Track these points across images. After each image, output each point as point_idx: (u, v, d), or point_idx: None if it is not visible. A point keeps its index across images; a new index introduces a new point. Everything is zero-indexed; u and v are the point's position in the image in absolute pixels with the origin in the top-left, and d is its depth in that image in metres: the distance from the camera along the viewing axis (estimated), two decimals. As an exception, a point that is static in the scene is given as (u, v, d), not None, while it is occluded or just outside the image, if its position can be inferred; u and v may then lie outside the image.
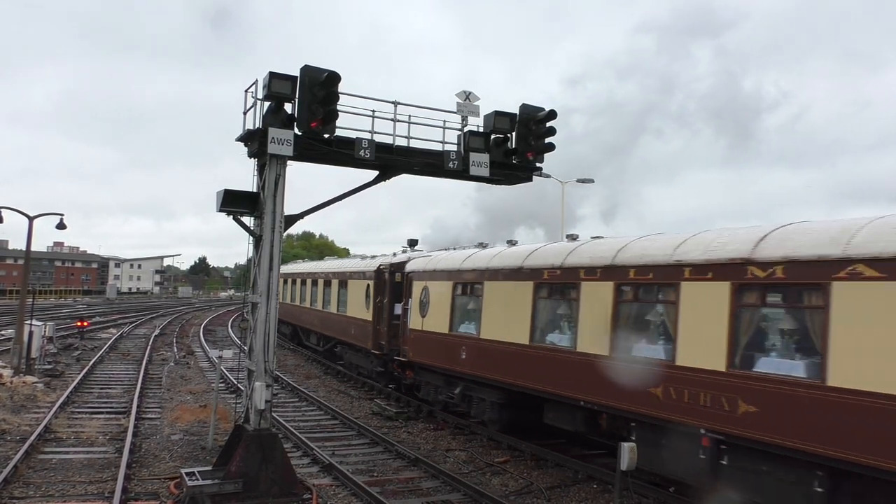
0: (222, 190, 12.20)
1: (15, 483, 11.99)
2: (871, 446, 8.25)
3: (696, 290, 10.86)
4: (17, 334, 24.60)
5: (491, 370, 15.78)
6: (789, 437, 9.20)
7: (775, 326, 10.17)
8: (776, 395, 9.44)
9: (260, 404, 11.91)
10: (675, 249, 11.41)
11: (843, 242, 9.01)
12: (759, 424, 9.59)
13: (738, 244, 10.46)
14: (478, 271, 16.89)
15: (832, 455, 8.71)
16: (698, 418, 10.55)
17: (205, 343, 37.40)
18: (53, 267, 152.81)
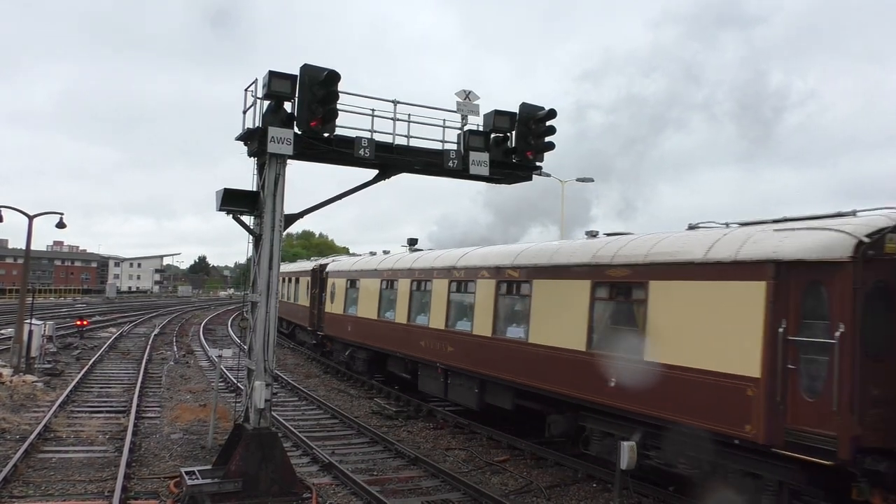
0: (222, 189, 12.20)
1: (15, 482, 11.98)
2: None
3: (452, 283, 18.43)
4: (17, 333, 24.59)
5: (364, 338, 24.09)
6: (462, 365, 17.18)
7: (465, 303, 17.91)
8: (463, 341, 17.27)
9: (260, 403, 11.91)
10: (516, 257, 16.05)
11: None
12: (458, 359, 17.38)
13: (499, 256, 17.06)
14: (356, 272, 25.62)
15: (477, 371, 16.68)
16: (438, 358, 18.32)
17: (204, 342, 37.41)
18: (53, 266, 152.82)
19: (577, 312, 13.17)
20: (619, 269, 12.38)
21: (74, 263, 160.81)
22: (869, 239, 8.88)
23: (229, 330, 47.35)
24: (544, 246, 15.98)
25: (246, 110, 12.39)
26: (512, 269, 15.76)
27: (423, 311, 19.71)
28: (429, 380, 19.28)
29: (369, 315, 23.22)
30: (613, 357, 12.05)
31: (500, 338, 15.76)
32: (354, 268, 26.14)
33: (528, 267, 15.19)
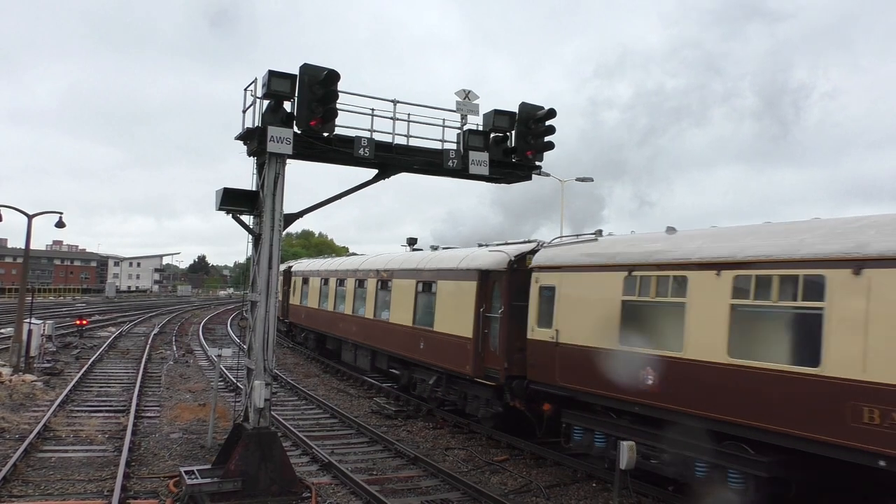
0: (221, 188, 12.20)
1: (14, 481, 11.98)
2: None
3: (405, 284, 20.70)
4: (17, 333, 24.57)
5: (312, 324, 30.99)
6: (361, 340, 23.42)
7: (363, 296, 23.88)
8: (361, 323, 23.64)
9: (259, 403, 11.91)
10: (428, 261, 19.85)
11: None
12: (359, 336, 23.63)
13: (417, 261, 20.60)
14: (307, 272, 32.34)
15: (370, 344, 22.92)
16: (350, 336, 24.90)
17: (204, 341, 37.40)
18: (53, 265, 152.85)
19: (408, 300, 19.98)
20: (427, 272, 19.25)
21: (74, 263, 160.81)
22: (515, 259, 15.73)
23: (229, 329, 47.35)
24: (397, 255, 23.77)
25: (245, 109, 12.39)
26: (384, 272, 22.40)
27: (342, 303, 26.51)
28: (346, 353, 26.32)
29: (314, 305, 30.45)
30: (423, 329, 18.85)
31: (378, 320, 22.35)
32: (306, 269, 33.69)
33: (390, 270, 22.01)
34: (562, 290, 13.96)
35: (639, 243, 12.87)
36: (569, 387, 13.48)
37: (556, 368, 13.77)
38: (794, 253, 9.68)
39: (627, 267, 12.31)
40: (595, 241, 14.32)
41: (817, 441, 9.04)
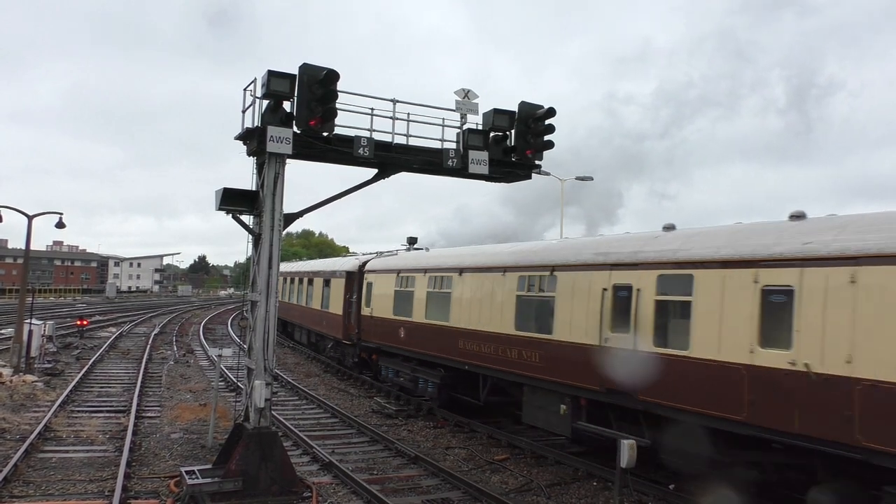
0: (221, 188, 12.20)
1: (15, 482, 11.99)
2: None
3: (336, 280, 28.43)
4: (17, 333, 24.58)
5: (282, 314, 33.57)
6: (305, 324, 34.05)
7: (310, 292, 32.31)
8: (306, 311, 33.07)
9: (259, 402, 11.91)
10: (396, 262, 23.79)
11: None
12: (303, 321, 34.55)
13: None
14: (293, 273, 37.15)
15: (308, 327, 33.43)
16: (300, 321, 35.25)
17: (204, 341, 37.42)
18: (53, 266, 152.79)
19: (319, 293, 29.82)
20: (325, 273, 29.60)
21: (74, 263, 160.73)
22: (362, 265, 24.71)
23: (229, 329, 47.37)
24: (317, 262, 37.11)
25: (245, 109, 12.39)
26: (311, 273, 32.56)
27: (299, 297, 34.50)
28: (296, 333, 37.30)
29: (283, 299, 35.94)
30: (325, 311, 28.71)
31: (307, 307, 32.48)
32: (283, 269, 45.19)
33: (312, 271, 32.43)
34: (374, 284, 23.53)
35: (408, 258, 23.11)
36: (378, 343, 22.90)
37: (372, 332, 23.19)
38: None
39: (396, 270, 21.96)
40: (395, 255, 24.47)
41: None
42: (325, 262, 34.04)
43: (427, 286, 19.68)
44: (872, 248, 8.86)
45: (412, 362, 20.39)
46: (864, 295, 8.85)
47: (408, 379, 20.64)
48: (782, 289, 9.92)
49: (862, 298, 8.86)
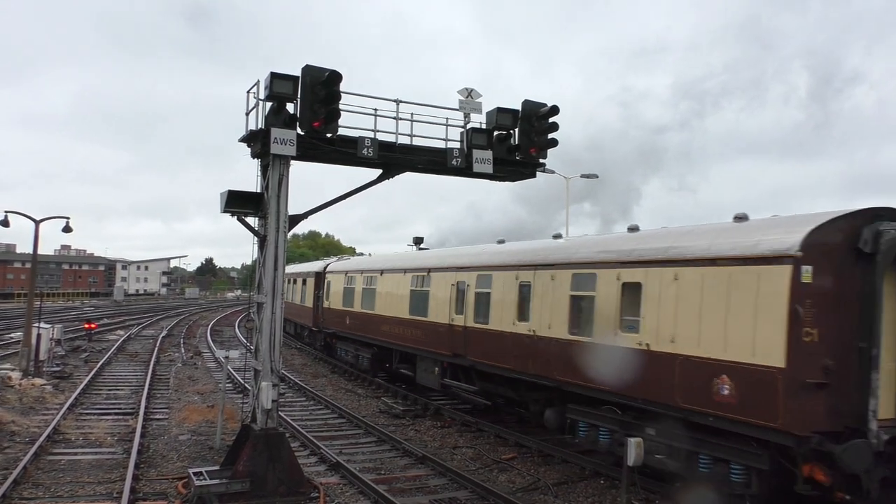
0: (226, 191, 12.23)
1: (24, 484, 12.06)
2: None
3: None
4: (26, 337, 24.72)
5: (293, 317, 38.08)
6: (294, 319, 38.12)
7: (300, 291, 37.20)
8: (296, 308, 37.08)
9: (266, 404, 11.95)
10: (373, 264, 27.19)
11: None
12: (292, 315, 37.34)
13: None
14: (295, 273, 38.20)
15: (297, 321, 38.36)
16: (292, 317, 37.95)
17: (212, 343, 37.55)
18: (61, 270, 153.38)
19: (300, 290, 35.41)
20: (303, 273, 35.89)
21: (82, 267, 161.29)
22: (325, 266, 31.86)
23: (236, 331, 47.51)
24: (302, 265, 43.47)
25: (249, 112, 12.42)
26: (297, 275, 37.13)
27: (287, 294, 34.24)
28: (287, 326, 37.38)
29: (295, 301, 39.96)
30: (302, 306, 35.00)
31: (293, 303, 36.36)
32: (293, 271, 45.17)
33: (299, 273, 37.11)
34: (331, 283, 29.33)
35: (353, 262, 30.09)
36: (334, 329, 29.01)
37: (329, 320, 29.31)
38: None
39: (345, 271, 28.06)
40: (351, 260, 31.94)
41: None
42: (304, 265, 39.27)
43: (362, 283, 25.49)
44: (687, 253, 11.38)
45: (356, 343, 26.54)
46: (682, 289, 11.22)
47: (351, 356, 27.12)
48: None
49: (682, 290, 11.23)
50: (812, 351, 9.46)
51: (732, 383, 10.16)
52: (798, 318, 9.42)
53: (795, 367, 9.39)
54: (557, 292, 14.25)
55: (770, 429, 9.65)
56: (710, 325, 10.62)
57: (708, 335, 10.65)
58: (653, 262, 11.94)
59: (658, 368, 11.44)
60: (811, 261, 9.56)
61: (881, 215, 10.06)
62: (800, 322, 9.42)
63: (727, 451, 10.53)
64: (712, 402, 10.42)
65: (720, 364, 10.34)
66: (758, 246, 10.21)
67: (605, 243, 14.05)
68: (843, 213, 10.11)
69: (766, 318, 9.75)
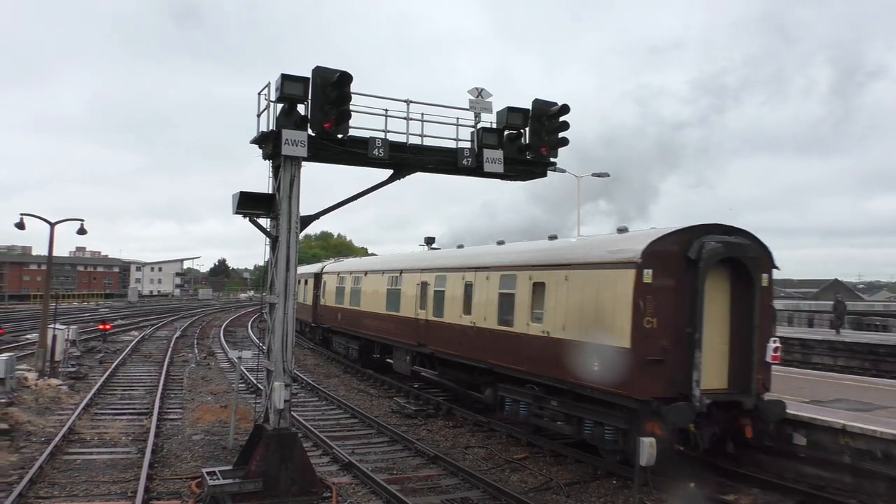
0: (238, 192, 12.30)
1: (40, 483, 12.18)
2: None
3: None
4: (41, 338, 24.96)
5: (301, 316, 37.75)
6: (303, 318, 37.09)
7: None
8: (304, 308, 36.71)
9: (279, 404, 12.00)
10: None
11: None
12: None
13: None
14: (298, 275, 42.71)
15: (300, 318, 35.31)
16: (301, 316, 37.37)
17: (225, 344, 37.74)
18: (76, 271, 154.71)
19: (304, 288, 36.71)
20: (306, 274, 36.74)
21: (97, 269, 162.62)
22: (322, 268, 34.88)
23: (249, 331, 47.73)
24: (305, 266, 40.41)
25: (260, 113, 12.48)
26: (300, 275, 33.47)
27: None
28: None
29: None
30: (305, 304, 36.26)
31: (303, 303, 36.34)
32: None
33: (302, 274, 35.84)
34: (326, 283, 32.08)
35: (344, 263, 32.83)
36: (329, 324, 31.86)
37: (325, 316, 31.99)
38: None
39: (337, 272, 31.04)
40: (343, 262, 34.39)
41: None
42: (306, 267, 40.37)
43: (350, 283, 28.66)
44: (574, 259, 14.26)
45: (346, 336, 29.54)
46: (570, 287, 14.00)
47: (343, 348, 30.36)
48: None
49: (571, 289, 13.96)
50: (652, 335, 12.13)
51: (601, 361, 12.74)
52: (640, 309, 12.11)
53: (639, 347, 12.08)
54: (490, 290, 17.18)
55: (624, 396, 12.32)
56: (588, 316, 13.33)
57: (586, 323, 13.34)
58: (553, 266, 14.81)
59: (555, 351, 14.12)
60: (651, 266, 12.22)
61: (710, 230, 12.73)
62: (642, 312, 12.10)
63: (601, 415, 13.23)
64: (589, 377, 13.05)
65: (594, 346, 12.96)
66: (616, 254, 13.00)
67: (525, 250, 17.03)
68: (679, 228, 12.75)
69: (620, 309, 12.44)
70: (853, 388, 17.63)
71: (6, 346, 32.82)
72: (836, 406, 14.29)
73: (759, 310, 12.80)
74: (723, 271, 12.83)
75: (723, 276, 12.87)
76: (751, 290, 12.84)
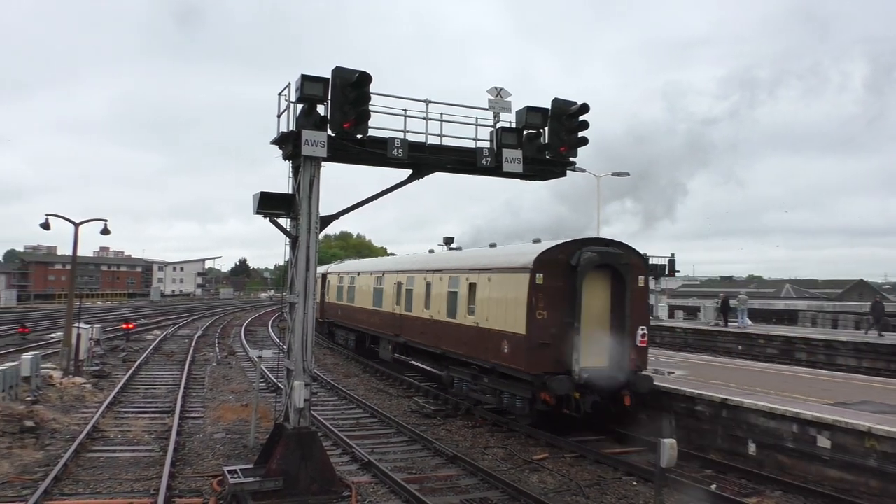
0: (258, 192, 12.37)
1: (65, 480, 12.35)
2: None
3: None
4: (66, 337, 25.31)
5: None
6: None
7: None
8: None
9: (299, 403, 12.06)
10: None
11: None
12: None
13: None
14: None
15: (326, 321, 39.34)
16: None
17: (245, 343, 38.02)
18: (100, 271, 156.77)
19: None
20: None
21: (120, 268, 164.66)
22: (327, 268, 39.11)
23: (270, 331, 48.03)
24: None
25: (280, 114, 12.55)
26: (343, 274, 36.66)
27: None
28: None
29: None
30: None
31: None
32: None
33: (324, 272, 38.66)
34: (330, 282, 34.90)
35: (343, 265, 37.13)
36: (332, 319, 35.47)
37: (329, 312, 35.00)
38: None
39: (338, 272, 35.46)
40: (343, 263, 38.57)
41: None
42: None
43: (348, 282, 32.75)
44: (492, 265, 17.93)
45: (346, 329, 33.72)
46: (492, 287, 17.48)
47: (343, 340, 34.70)
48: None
49: (491, 289, 17.47)
50: (542, 324, 15.56)
51: (509, 345, 16.27)
52: (533, 304, 15.58)
53: (532, 334, 15.53)
54: (442, 288, 20.71)
55: (523, 371, 15.77)
56: (501, 309, 16.78)
57: (500, 315, 16.78)
58: (481, 270, 18.33)
59: (483, 338, 17.57)
60: (542, 270, 15.68)
61: (590, 243, 16.15)
62: (534, 307, 15.57)
63: (513, 388, 16.63)
64: (502, 357, 16.53)
65: (505, 333, 16.48)
66: (518, 262, 16.55)
67: (465, 257, 21.03)
68: (566, 241, 16.28)
69: (519, 304, 15.88)
70: (878, 390, 17.38)
71: (32, 344, 33.35)
72: (861, 408, 14.10)
73: (630, 305, 15.90)
74: (604, 275, 16.03)
75: (604, 279, 16.08)
76: (624, 290, 15.88)
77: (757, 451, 13.99)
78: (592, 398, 15.33)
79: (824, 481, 12.65)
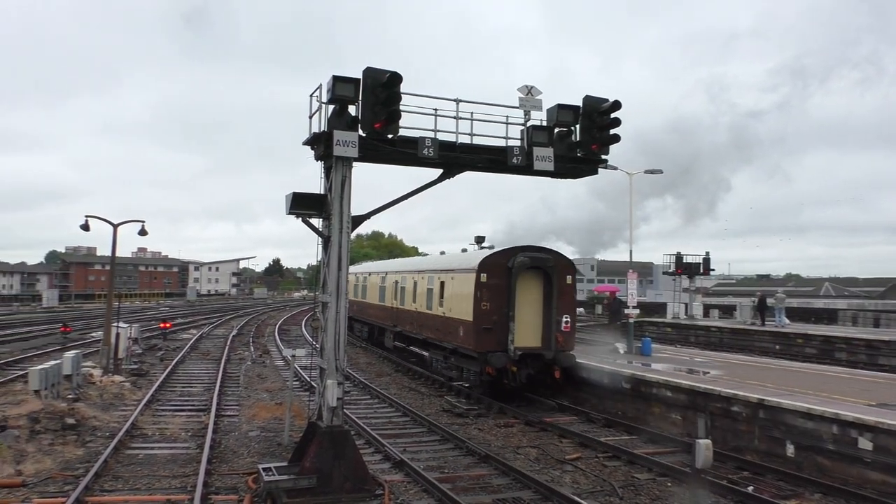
0: (291, 193, 12.49)
1: (105, 476, 12.61)
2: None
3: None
4: (105, 336, 25.86)
5: None
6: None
7: None
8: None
9: (332, 402, 12.15)
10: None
11: None
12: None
13: None
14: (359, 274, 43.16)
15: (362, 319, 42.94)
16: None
17: (279, 342, 38.44)
18: (138, 271, 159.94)
19: None
20: None
21: (157, 269, 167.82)
22: None
23: (303, 330, 48.49)
24: None
25: (312, 115, 12.64)
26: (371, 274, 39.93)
27: None
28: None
29: None
30: None
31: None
32: None
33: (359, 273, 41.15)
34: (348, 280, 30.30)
35: (361, 267, 42.41)
36: (351, 314, 31.49)
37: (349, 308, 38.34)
38: None
39: (354, 273, 38.89)
40: (359, 265, 43.52)
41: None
42: None
43: (361, 281, 37.73)
44: (453, 266, 22.90)
45: (360, 322, 38.21)
46: (454, 284, 21.93)
47: (358, 331, 38.69)
48: (443, 281, 23.30)
49: (454, 286, 21.91)
50: (486, 313, 19.92)
51: (463, 329, 20.76)
52: (479, 297, 19.95)
53: (478, 320, 19.92)
54: (423, 285, 25.56)
55: (472, 350, 20.23)
56: (458, 302, 21.34)
57: (458, 306, 21.26)
58: (447, 271, 23.11)
59: (448, 325, 22.14)
60: (485, 271, 20.11)
61: (525, 249, 20.58)
62: (480, 299, 19.95)
63: (468, 364, 20.99)
64: (460, 340, 21.09)
65: (461, 320, 20.95)
66: (471, 263, 21.10)
67: (439, 260, 27.88)
68: (506, 248, 21.26)
69: (469, 297, 20.37)
70: (923, 390, 16.90)
71: (73, 343, 34.15)
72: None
73: (557, 298, 20.17)
74: (536, 275, 20.35)
75: (536, 278, 20.38)
76: (551, 286, 20.15)
77: (795, 453, 13.73)
78: (527, 371, 19.71)
79: (866, 484, 12.36)
